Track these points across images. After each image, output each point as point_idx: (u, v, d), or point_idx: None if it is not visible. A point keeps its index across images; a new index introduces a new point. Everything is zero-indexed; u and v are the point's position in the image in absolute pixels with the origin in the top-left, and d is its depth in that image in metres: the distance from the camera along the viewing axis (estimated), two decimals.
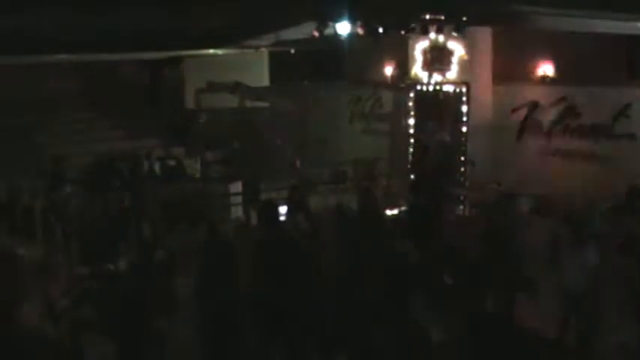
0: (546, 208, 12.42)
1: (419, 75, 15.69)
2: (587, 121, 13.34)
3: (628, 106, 12.70)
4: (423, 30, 14.71)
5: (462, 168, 15.06)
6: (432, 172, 15.02)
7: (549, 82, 14.18)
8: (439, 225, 10.74)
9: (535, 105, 14.29)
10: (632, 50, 13.22)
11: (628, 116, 12.72)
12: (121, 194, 13.68)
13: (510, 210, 9.63)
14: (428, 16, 14.37)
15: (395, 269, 8.47)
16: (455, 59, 15.06)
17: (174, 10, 13.31)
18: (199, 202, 14.24)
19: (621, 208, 10.68)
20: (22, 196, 14.40)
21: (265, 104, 18.19)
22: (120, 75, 20.26)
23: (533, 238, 9.62)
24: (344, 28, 14.35)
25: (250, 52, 18.02)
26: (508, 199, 9.95)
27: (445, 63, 15.17)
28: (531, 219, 10.66)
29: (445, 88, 15.30)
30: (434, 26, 14.63)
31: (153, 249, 10.13)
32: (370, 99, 18.45)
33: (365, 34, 14.57)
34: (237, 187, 15.29)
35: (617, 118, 12.82)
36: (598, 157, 13.10)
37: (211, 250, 8.95)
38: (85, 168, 14.78)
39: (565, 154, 13.72)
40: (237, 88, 14.49)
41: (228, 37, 16.37)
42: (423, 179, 14.76)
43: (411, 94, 16.01)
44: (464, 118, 14.99)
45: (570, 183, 13.12)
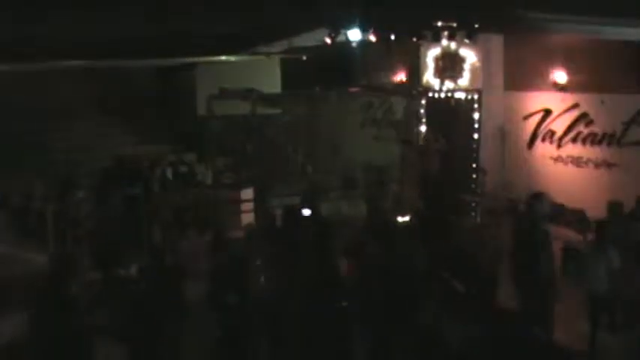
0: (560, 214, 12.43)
1: (430, 82, 15.69)
2: (599, 129, 13.29)
3: None
4: (434, 37, 14.73)
5: (474, 175, 15.04)
6: (429, 178, 15.02)
7: (561, 89, 14.13)
8: (450, 231, 10.70)
9: (547, 112, 14.26)
10: None
11: None
12: (133, 200, 13.74)
13: (538, 209, 9.65)
14: (440, 23, 14.39)
15: (405, 275, 8.45)
16: (467, 66, 15.06)
17: (187, 17, 13.41)
18: (211, 208, 14.27)
19: (633, 214, 10.64)
20: (35, 202, 14.52)
21: (277, 111, 18.21)
22: (132, 81, 20.32)
23: None
24: (356, 34, 14.40)
25: (263, 58, 18.07)
26: (535, 198, 9.92)
27: (457, 70, 15.17)
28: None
29: (457, 95, 15.30)
30: (446, 33, 14.64)
31: (164, 254, 10.16)
32: (382, 106, 18.43)
33: (377, 40, 14.60)
34: (248, 193, 15.31)
35: (629, 125, 12.76)
36: (610, 165, 13.05)
37: (222, 256, 8.98)
38: (97, 173, 14.84)
39: (577, 161, 13.67)
40: (250, 94, 14.52)
41: (240, 43, 16.44)
42: (433, 187, 14.73)
43: (423, 101, 16.03)
44: (475, 125, 14.98)
45: (582, 190, 13.08)
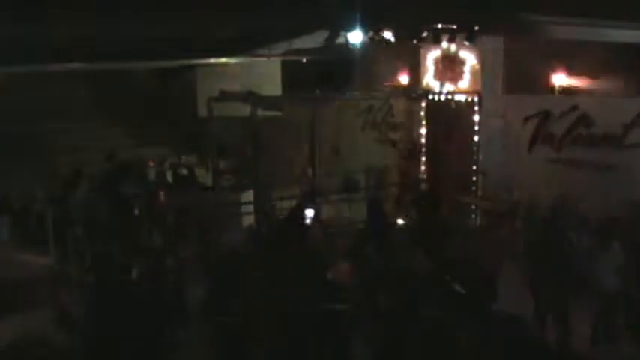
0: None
1: (430, 84, 15.70)
2: (599, 131, 13.29)
3: None
4: (434, 39, 14.74)
5: (474, 177, 15.05)
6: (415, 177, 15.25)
7: (561, 91, 14.13)
8: (449, 234, 10.73)
9: (547, 114, 14.26)
10: None
11: None
12: (133, 202, 13.75)
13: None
14: (440, 26, 14.40)
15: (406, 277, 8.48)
16: (466, 69, 15.08)
17: (187, 19, 13.41)
18: (211, 210, 14.27)
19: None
20: (35, 204, 14.53)
21: (278, 113, 18.22)
22: (132, 83, 20.34)
23: None
24: (356, 37, 14.40)
25: (263, 60, 18.09)
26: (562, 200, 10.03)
27: (457, 72, 15.19)
28: None
29: (457, 97, 15.31)
30: (446, 35, 14.65)
31: (165, 257, 10.18)
32: (382, 108, 18.45)
33: (377, 43, 14.61)
34: (248, 196, 15.31)
35: (629, 127, 12.76)
36: (610, 167, 13.05)
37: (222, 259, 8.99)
38: (97, 176, 14.84)
39: (577, 163, 13.67)
40: (250, 97, 14.51)
41: (240, 45, 16.45)
42: (433, 189, 14.76)
43: (423, 103, 16.04)
44: (475, 127, 14.99)
45: (582, 192, 13.08)
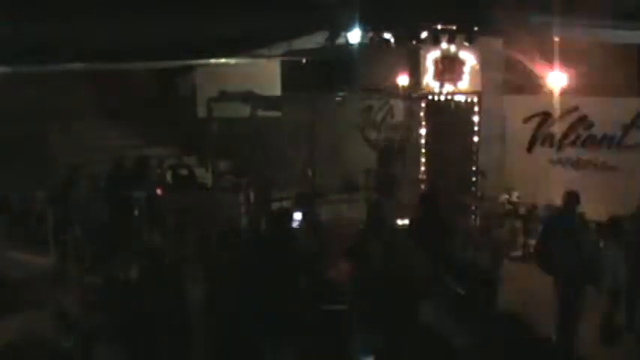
0: None
1: (430, 85, 15.70)
2: (598, 132, 13.31)
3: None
4: (434, 40, 14.73)
5: (473, 178, 15.04)
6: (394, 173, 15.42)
7: (561, 92, 14.15)
8: (450, 235, 10.71)
9: (547, 115, 14.27)
10: None
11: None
12: (133, 203, 13.74)
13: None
14: (439, 26, 14.39)
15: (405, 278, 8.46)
16: (466, 69, 15.07)
17: (186, 19, 13.41)
18: (210, 211, 14.26)
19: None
20: (35, 205, 14.52)
21: (277, 114, 18.21)
22: (131, 84, 20.32)
23: None
24: (355, 37, 14.40)
25: (262, 61, 18.08)
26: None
27: (456, 73, 15.17)
28: None
29: (456, 98, 15.30)
30: (445, 36, 14.64)
31: (164, 257, 10.16)
32: (382, 109, 18.45)
33: (376, 43, 14.60)
34: (248, 196, 15.30)
35: (628, 128, 12.78)
36: (610, 168, 13.07)
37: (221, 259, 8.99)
38: (97, 176, 14.83)
39: (577, 164, 13.68)
40: (250, 97, 14.52)
41: (240, 46, 16.44)
42: (433, 189, 14.74)
43: (423, 103, 16.04)
44: (475, 128, 14.98)
45: (582, 193, 13.08)
